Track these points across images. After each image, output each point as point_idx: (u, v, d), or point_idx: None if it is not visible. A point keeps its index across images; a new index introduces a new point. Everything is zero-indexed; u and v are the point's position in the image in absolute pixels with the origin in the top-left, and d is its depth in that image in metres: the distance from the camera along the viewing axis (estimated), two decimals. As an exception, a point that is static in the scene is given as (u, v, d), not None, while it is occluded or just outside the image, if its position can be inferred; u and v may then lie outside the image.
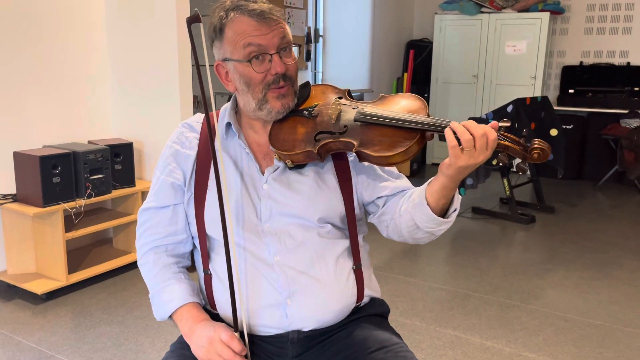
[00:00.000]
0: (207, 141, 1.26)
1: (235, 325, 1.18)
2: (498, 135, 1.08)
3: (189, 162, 1.27)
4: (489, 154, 1.06)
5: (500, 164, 1.13)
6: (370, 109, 1.17)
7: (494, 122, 1.09)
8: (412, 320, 2.70)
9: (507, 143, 1.09)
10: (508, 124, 1.10)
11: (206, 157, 1.25)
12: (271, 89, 1.18)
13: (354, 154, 1.15)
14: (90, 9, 3.28)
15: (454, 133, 1.06)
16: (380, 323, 1.30)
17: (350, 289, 1.25)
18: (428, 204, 1.15)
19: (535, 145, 1.08)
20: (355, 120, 1.16)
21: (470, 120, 1.07)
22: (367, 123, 1.15)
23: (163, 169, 1.30)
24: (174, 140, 1.31)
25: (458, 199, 1.18)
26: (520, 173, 1.16)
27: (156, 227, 1.30)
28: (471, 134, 1.04)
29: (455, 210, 1.18)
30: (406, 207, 1.21)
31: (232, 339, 1.14)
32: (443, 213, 1.18)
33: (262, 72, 1.17)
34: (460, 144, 1.05)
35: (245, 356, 1.16)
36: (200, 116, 1.32)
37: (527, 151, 1.09)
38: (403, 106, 1.18)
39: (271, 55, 1.16)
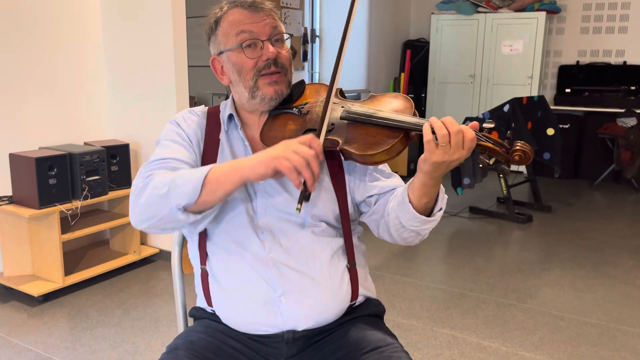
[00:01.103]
0: (212, 131, 1.27)
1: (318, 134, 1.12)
2: (478, 136, 1.08)
3: (196, 146, 1.26)
4: (465, 153, 1.06)
5: (480, 165, 1.13)
6: (356, 107, 1.19)
7: (474, 122, 1.08)
8: (409, 320, 2.70)
9: (488, 144, 1.08)
10: (492, 125, 1.09)
11: (212, 149, 1.26)
12: (262, 76, 1.21)
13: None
14: (86, 10, 3.27)
15: (432, 128, 1.06)
16: (376, 323, 1.30)
17: (345, 287, 1.25)
18: (410, 202, 1.16)
19: (517, 148, 1.07)
20: (341, 118, 1.18)
21: (449, 117, 1.07)
22: (353, 121, 1.17)
23: (175, 138, 1.23)
24: (180, 120, 1.28)
25: (444, 198, 1.18)
26: (501, 175, 1.16)
27: (174, 158, 1.18)
28: (447, 130, 1.04)
29: (440, 209, 1.18)
30: (392, 206, 1.21)
31: (314, 137, 1.08)
32: (428, 212, 1.18)
33: (254, 57, 1.20)
34: (436, 139, 1.05)
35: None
36: (204, 108, 1.33)
37: (508, 153, 1.08)
38: (390, 105, 1.19)
39: (262, 42, 1.20)
